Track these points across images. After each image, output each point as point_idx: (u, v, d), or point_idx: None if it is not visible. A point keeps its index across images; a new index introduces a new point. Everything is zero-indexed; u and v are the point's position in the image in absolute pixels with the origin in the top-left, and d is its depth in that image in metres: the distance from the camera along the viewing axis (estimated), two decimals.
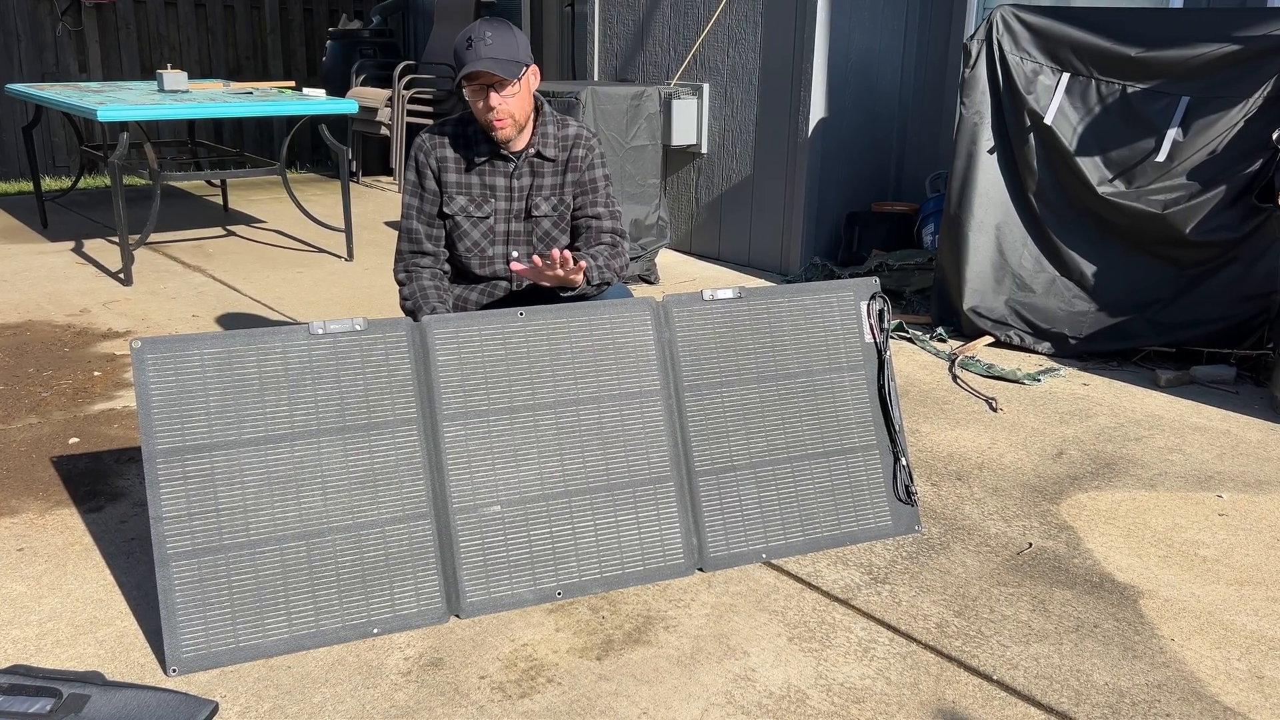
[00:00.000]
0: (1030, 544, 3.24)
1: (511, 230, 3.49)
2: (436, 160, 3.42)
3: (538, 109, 3.44)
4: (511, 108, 3.28)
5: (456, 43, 3.25)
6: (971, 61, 5.20)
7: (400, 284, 3.49)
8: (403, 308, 3.47)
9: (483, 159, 3.41)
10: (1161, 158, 4.78)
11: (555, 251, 3.11)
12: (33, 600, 2.82)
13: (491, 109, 3.26)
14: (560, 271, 3.15)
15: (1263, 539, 3.29)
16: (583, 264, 3.17)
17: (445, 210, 3.45)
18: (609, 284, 3.38)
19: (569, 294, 3.27)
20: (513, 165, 3.43)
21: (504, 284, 3.54)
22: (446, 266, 3.53)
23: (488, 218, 3.46)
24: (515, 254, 3.49)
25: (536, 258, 3.17)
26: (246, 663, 2.57)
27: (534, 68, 3.33)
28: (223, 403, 2.65)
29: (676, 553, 2.99)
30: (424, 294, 3.41)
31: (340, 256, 6.80)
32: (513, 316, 2.92)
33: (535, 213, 3.46)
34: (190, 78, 7.86)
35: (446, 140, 3.43)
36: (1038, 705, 2.47)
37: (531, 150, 3.42)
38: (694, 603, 2.87)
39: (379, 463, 2.75)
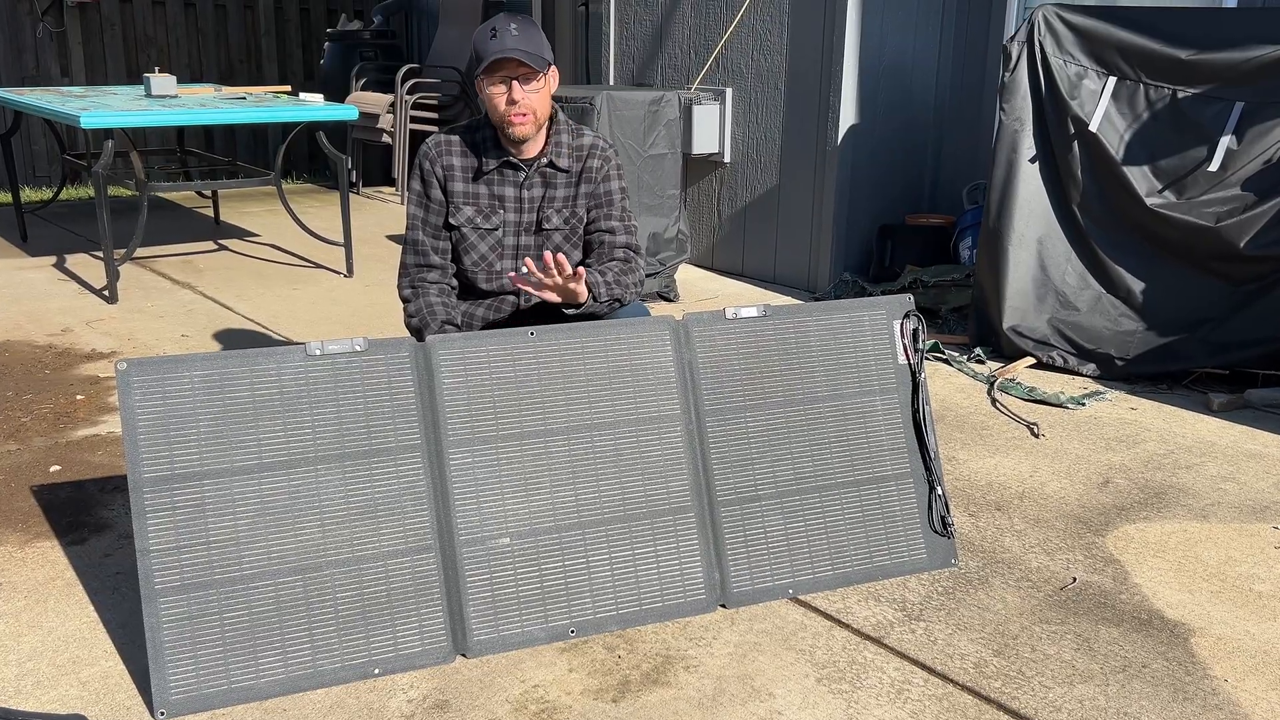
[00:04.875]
0: (1074, 579, 3.24)
1: (521, 244, 3.51)
2: (443, 168, 3.45)
3: (553, 117, 3.47)
4: (534, 103, 3.31)
5: (477, 36, 3.27)
6: (1012, 65, 5.21)
7: (405, 300, 3.52)
8: (408, 325, 3.49)
9: (491, 168, 3.43)
10: (1214, 167, 4.78)
11: (548, 254, 3.12)
12: (11, 638, 2.84)
13: (515, 102, 3.28)
14: (558, 278, 3.16)
15: None
16: (581, 270, 3.18)
17: (451, 221, 3.47)
18: (621, 301, 3.40)
19: (574, 312, 3.29)
20: (523, 175, 3.45)
21: (511, 299, 3.56)
22: (454, 281, 3.56)
23: (496, 229, 3.48)
24: (524, 270, 3.51)
25: (529, 261, 3.16)
26: (239, 705, 2.59)
27: (555, 70, 3.37)
28: (214, 428, 2.67)
29: (697, 588, 3.00)
30: (431, 310, 3.43)
31: (339, 272, 6.85)
32: (523, 336, 2.94)
33: (546, 226, 3.49)
34: (180, 82, 7.92)
35: (454, 147, 3.46)
36: None
37: (544, 160, 3.45)
38: (716, 641, 2.88)
39: (380, 492, 2.77)
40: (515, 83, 3.27)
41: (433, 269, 3.51)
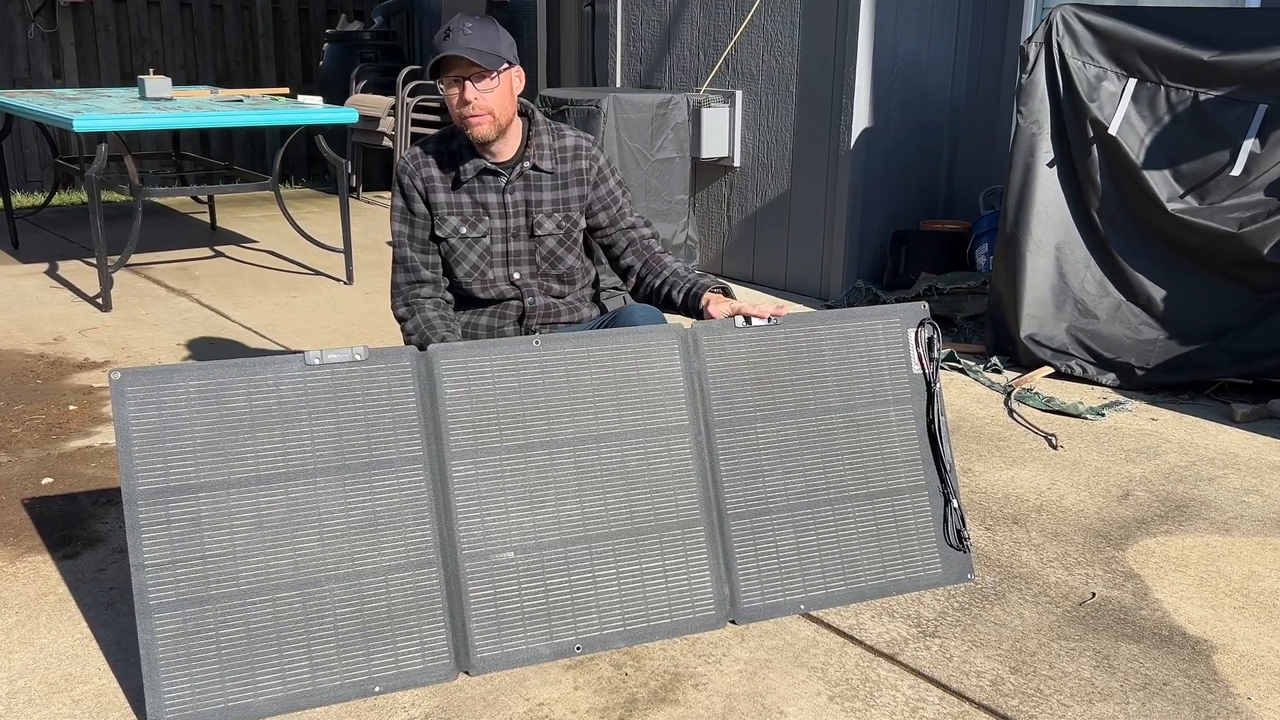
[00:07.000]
0: (1093, 594, 3.24)
1: (510, 250, 3.50)
2: (423, 181, 3.45)
3: (530, 118, 3.47)
4: (490, 103, 3.28)
5: (435, 36, 3.28)
6: (1029, 66, 5.22)
7: (401, 320, 3.52)
8: (407, 345, 3.49)
9: (470, 175, 3.44)
10: (1237, 171, 4.78)
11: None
12: (2, 655, 2.85)
13: (467, 102, 3.25)
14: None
15: None
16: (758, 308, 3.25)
17: (438, 233, 3.47)
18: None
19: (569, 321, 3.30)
20: (504, 180, 3.45)
21: (515, 304, 3.56)
22: (448, 295, 3.56)
23: (483, 237, 3.48)
24: (517, 275, 3.52)
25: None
26: None
27: (519, 69, 3.34)
28: (210, 440, 2.68)
29: (707, 603, 3.00)
30: (430, 325, 3.43)
31: (339, 279, 6.87)
32: (527, 345, 2.94)
33: (539, 231, 3.48)
34: (175, 84, 7.95)
35: (430, 158, 3.46)
36: None
37: (527, 163, 3.45)
38: (725, 658, 2.88)
39: (381, 505, 2.78)
40: (468, 83, 3.24)
41: (425, 284, 3.50)
